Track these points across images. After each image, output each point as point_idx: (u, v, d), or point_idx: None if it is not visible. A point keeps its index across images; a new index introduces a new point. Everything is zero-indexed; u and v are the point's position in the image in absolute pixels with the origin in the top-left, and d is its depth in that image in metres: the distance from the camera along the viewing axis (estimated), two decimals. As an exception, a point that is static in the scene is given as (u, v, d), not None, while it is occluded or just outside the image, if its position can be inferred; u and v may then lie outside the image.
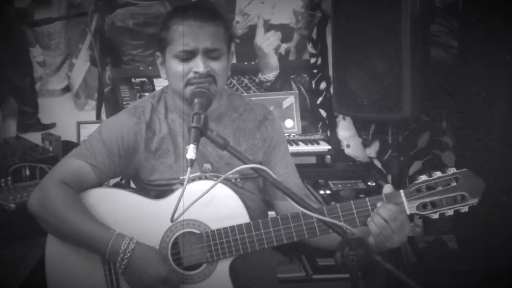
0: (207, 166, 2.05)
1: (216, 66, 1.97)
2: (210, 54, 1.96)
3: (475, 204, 1.86)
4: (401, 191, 1.89)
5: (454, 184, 1.86)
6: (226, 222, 1.93)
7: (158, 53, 2.07)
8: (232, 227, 1.92)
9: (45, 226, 1.96)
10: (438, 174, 1.87)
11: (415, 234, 2.66)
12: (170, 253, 1.94)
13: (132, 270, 1.88)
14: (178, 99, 2.05)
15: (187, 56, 1.96)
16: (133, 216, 1.94)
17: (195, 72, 1.95)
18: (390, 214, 1.83)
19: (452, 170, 1.87)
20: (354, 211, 1.88)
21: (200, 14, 1.98)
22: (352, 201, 1.89)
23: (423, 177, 1.88)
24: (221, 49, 1.99)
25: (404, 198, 1.87)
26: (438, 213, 1.87)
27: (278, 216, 1.93)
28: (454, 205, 1.86)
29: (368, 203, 1.88)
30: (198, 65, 1.95)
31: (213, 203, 1.93)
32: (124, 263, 1.87)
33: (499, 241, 3.12)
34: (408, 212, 1.88)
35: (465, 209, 1.86)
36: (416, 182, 1.88)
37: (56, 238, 1.97)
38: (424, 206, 1.87)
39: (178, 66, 1.97)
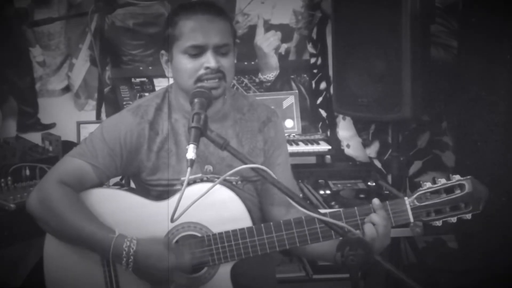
0: (209, 167, 2.03)
1: (225, 62, 1.96)
2: (219, 50, 1.95)
3: (478, 212, 1.84)
4: (406, 198, 1.87)
5: (458, 191, 1.84)
6: (228, 226, 1.91)
7: (163, 52, 2.04)
8: (234, 232, 1.89)
9: (45, 227, 1.95)
10: (442, 181, 1.85)
11: (415, 234, 2.66)
12: None
13: (142, 270, 1.86)
14: (182, 98, 2.03)
15: (197, 51, 1.94)
16: (134, 217, 1.93)
17: (206, 68, 1.93)
18: (373, 234, 1.82)
19: (457, 177, 1.85)
20: (358, 218, 1.86)
21: (208, 9, 1.97)
22: (356, 208, 1.87)
23: (428, 184, 1.86)
24: (229, 44, 1.98)
25: (408, 206, 1.86)
26: (441, 220, 1.86)
27: (281, 221, 1.90)
28: (457, 212, 1.85)
29: (373, 210, 1.86)
30: (209, 60, 1.93)
31: (215, 206, 1.91)
32: (131, 265, 1.84)
33: (499, 241, 3.12)
34: (412, 220, 1.87)
35: (468, 216, 1.85)
36: (421, 189, 1.86)
37: (55, 238, 1.95)
38: (427, 213, 1.86)
39: (187, 62, 1.95)
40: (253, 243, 1.89)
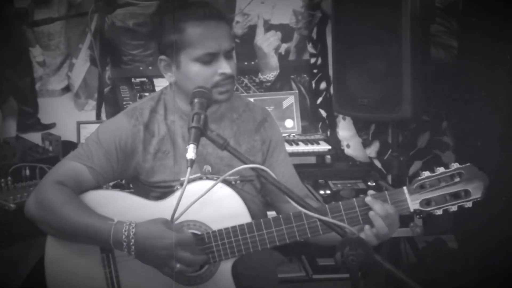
0: (207, 167, 2.04)
1: (232, 65, 1.98)
2: (228, 54, 1.97)
3: (479, 199, 1.83)
4: (404, 188, 1.86)
5: (457, 179, 1.83)
6: (227, 223, 1.91)
7: (163, 57, 2.01)
8: (234, 228, 1.90)
9: (45, 228, 1.94)
10: (441, 169, 1.84)
11: (415, 234, 2.66)
12: None
13: (145, 252, 1.83)
14: (181, 101, 2.03)
15: (210, 58, 1.94)
16: (133, 218, 1.89)
17: (221, 74, 1.94)
18: (382, 227, 1.82)
19: (456, 166, 1.84)
20: (357, 209, 1.86)
21: (212, 13, 1.96)
22: (354, 199, 1.87)
23: (426, 173, 1.85)
24: (234, 47, 2.00)
25: (407, 195, 1.86)
26: (442, 209, 1.84)
27: (280, 216, 1.91)
28: (458, 200, 1.83)
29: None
30: (223, 66, 1.94)
31: (214, 204, 1.91)
32: (133, 249, 1.82)
33: (499, 241, 3.12)
34: (411, 209, 1.86)
35: (469, 204, 1.83)
36: (419, 178, 1.85)
37: (56, 239, 1.95)
38: (427, 202, 1.84)
39: (201, 70, 1.94)
40: (253, 238, 1.89)
